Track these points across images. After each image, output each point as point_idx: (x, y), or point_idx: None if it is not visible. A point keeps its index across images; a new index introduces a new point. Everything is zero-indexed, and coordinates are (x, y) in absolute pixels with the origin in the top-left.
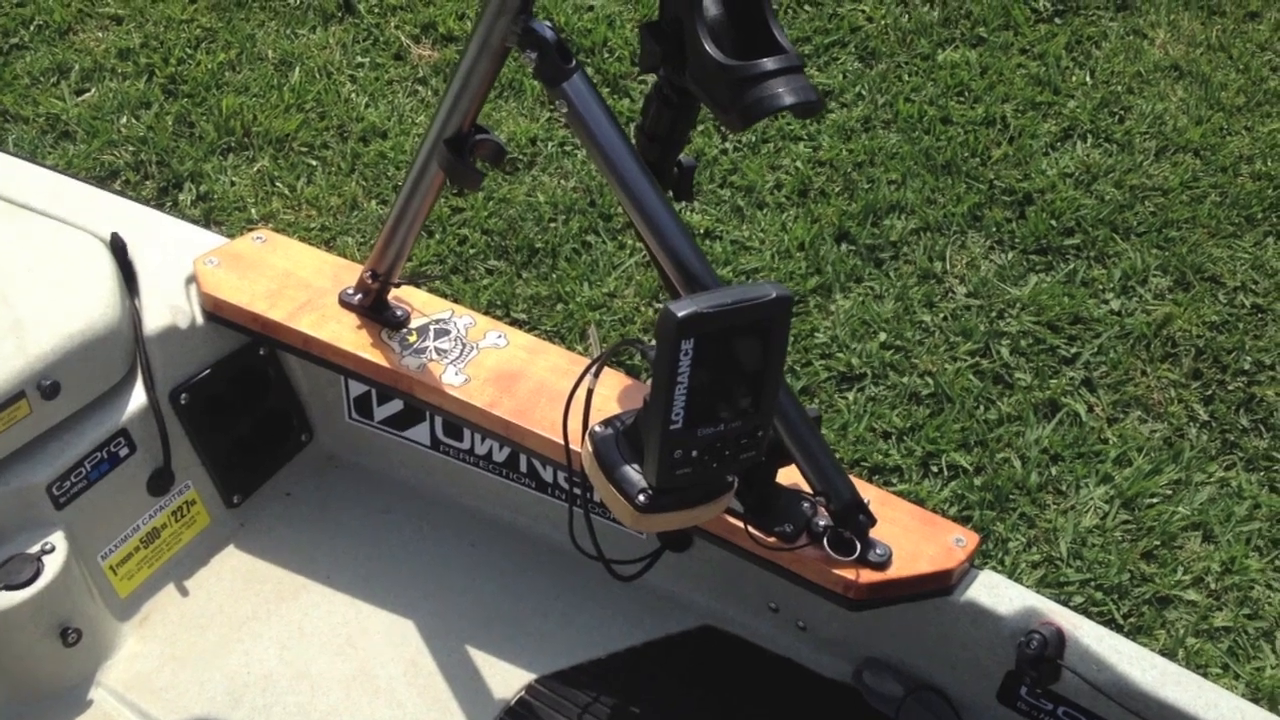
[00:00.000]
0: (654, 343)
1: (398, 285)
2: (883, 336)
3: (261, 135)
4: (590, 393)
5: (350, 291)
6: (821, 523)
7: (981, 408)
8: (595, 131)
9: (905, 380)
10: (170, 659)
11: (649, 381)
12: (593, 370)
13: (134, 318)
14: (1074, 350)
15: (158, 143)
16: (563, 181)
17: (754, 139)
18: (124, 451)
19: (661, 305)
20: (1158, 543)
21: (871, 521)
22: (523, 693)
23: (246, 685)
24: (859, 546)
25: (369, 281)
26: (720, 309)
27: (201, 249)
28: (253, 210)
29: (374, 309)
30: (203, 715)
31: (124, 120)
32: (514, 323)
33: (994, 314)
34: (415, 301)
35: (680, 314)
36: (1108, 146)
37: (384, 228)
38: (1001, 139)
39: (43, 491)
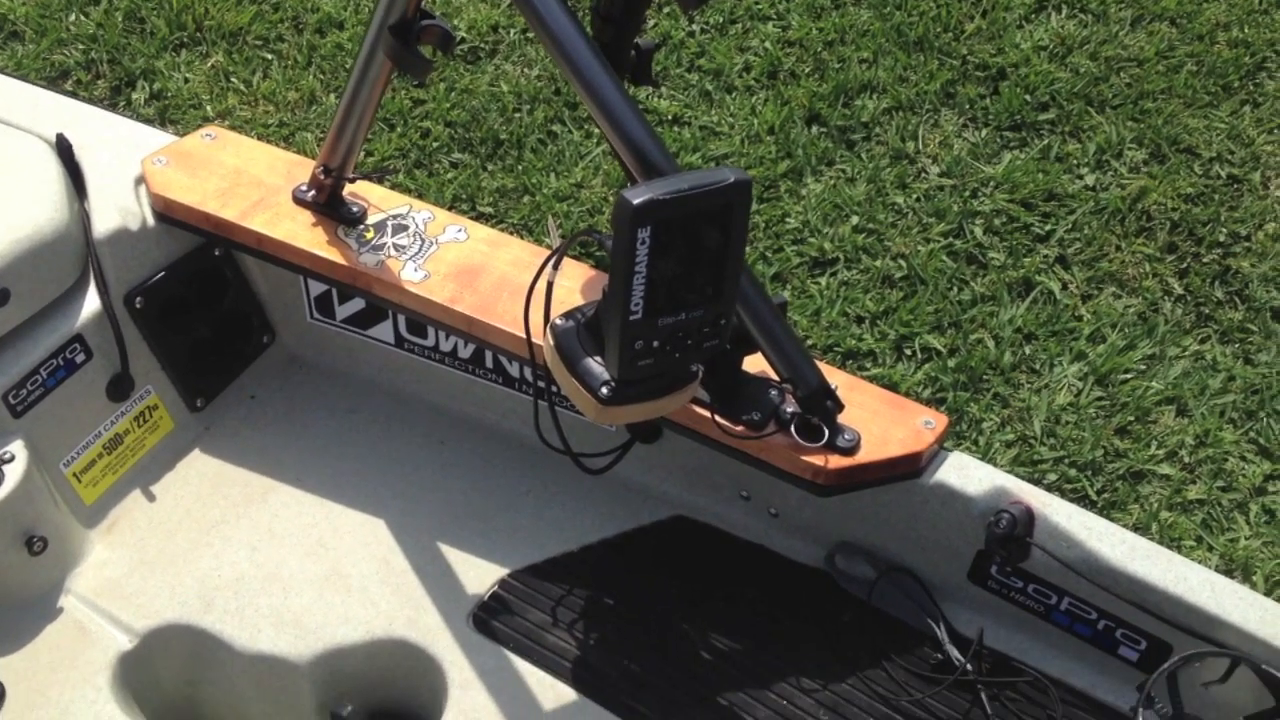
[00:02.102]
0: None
1: (352, 180)
2: (855, 220)
3: (214, 29)
4: (550, 285)
5: (304, 188)
6: (789, 410)
7: (955, 289)
8: (543, 13)
9: (878, 263)
10: (140, 564)
11: None
12: (552, 262)
13: (83, 220)
14: (1048, 227)
15: (108, 40)
16: (526, 70)
17: (721, 19)
18: (80, 358)
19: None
20: (1131, 418)
21: (839, 407)
22: (496, 587)
23: (218, 588)
24: (827, 432)
25: (321, 177)
26: (677, 195)
27: (151, 148)
28: (208, 107)
29: (329, 205)
30: (175, 619)
31: (73, 18)
32: (480, 216)
33: (967, 193)
34: (372, 197)
35: (635, 201)
36: (1083, 17)
37: (334, 120)
38: (974, 12)
39: None
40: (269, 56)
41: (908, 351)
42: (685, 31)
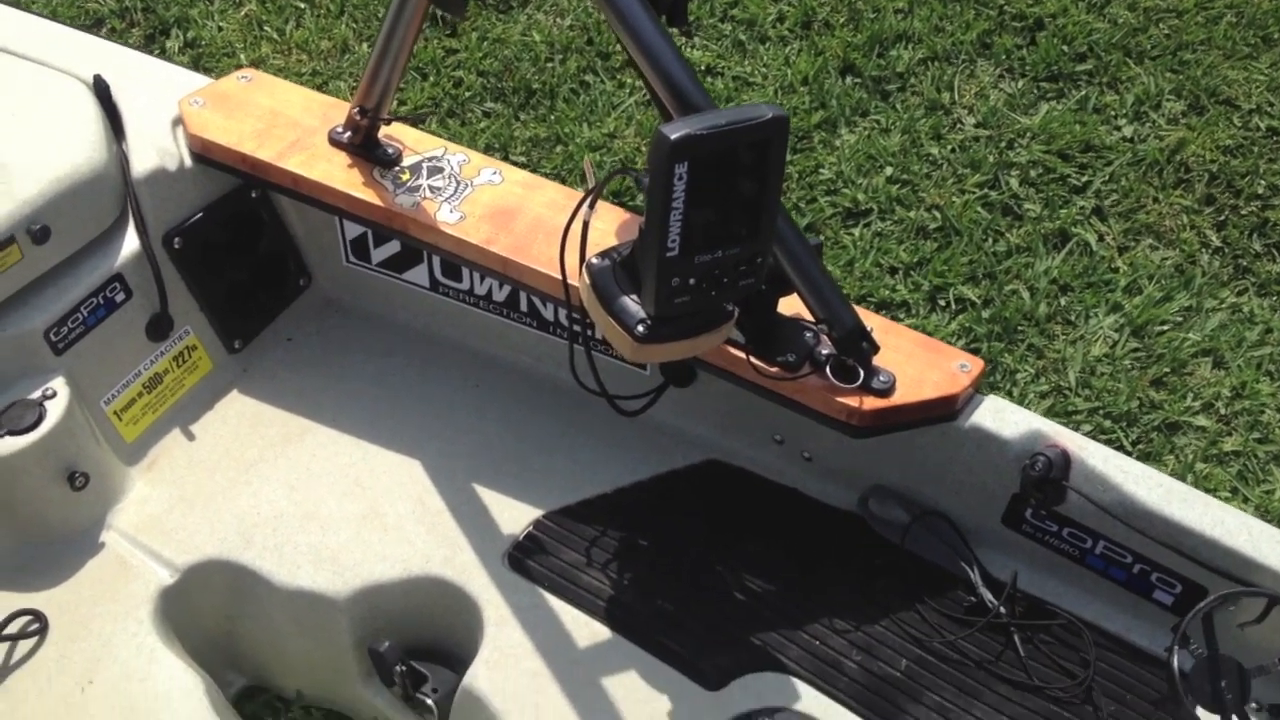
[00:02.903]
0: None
1: (387, 122)
2: (889, 170)
3: None
4: (586, 225)
5: (339, 129)
6: (824, 351)
7: (990, 240)
8: None
9: (912, 214)
10: (180, 501)
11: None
12: (588, 202)
13: (121, 161)
14: (1085, 179)
15: None
16: (559, 20)
17: None
18: (120, 297)
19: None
20: (1167, 370)
21: (875, 349)
22: (531, 527)
23: (256, 525)
24: (862, 374)
25: (357, 118)
26: (714, 130)
27: (187, 90)
28: (242, 56)
29: (364, 146)
30: (215, 555)
31: None
32: (513, 165)
33: (1003, 144)
34: (407, 139)
35: (673, 136)
36: None
37: (369, 61)
38: None
39: (40, 337)
40: (302, 5)
41: (942, 302)
42: None
